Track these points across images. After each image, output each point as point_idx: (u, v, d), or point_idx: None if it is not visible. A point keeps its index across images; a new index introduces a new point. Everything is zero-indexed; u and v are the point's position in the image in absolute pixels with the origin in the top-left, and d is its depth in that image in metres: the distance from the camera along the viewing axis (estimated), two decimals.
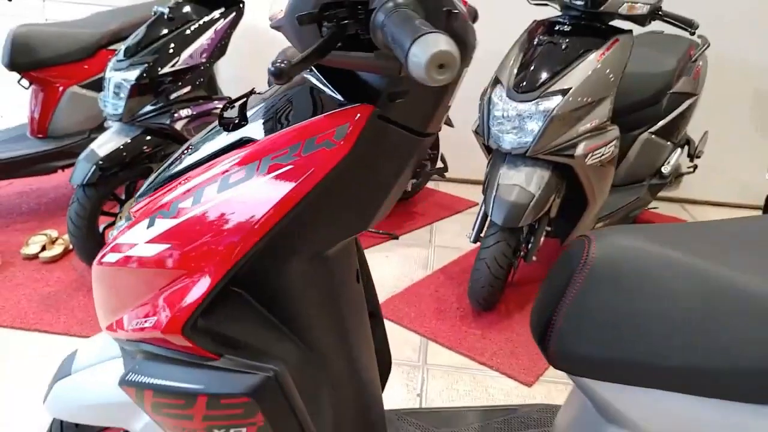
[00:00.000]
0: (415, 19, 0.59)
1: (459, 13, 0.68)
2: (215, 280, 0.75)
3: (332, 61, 0.70)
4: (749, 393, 0.76)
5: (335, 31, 0.65)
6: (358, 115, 0.73)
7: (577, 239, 0.89)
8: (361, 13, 0.65)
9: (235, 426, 0.78)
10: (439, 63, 0.56)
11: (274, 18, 0.72)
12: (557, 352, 0.86)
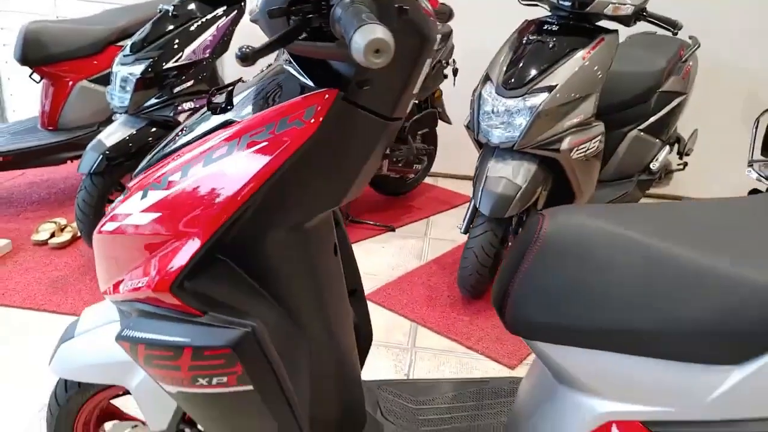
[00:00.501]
0: (363, 12, 0.68)
1: (410, 9, 0.77)
2: (200, 244, 0.84)
3: (300, 50, 0.80)
4: (682, 352, 0.84)
5: (298, 24, 0.74)
6: (326, 96, 0.82)
7: (534, 217, 0.98)
8: (324, 9, 0.75)
9: (217, 375, 0.87)
10: (375, 48, 0.66)
11: (253, 12, 0.81)
12: (512, 318, 0.95)
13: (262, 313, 0.92)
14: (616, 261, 0.88)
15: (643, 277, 0.86)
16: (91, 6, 3.47)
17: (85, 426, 1.24)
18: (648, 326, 0.85)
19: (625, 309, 0.86)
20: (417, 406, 1.29)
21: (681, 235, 0.90)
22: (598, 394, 0.91)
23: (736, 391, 0.81)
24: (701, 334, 0.82)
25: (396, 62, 0.85)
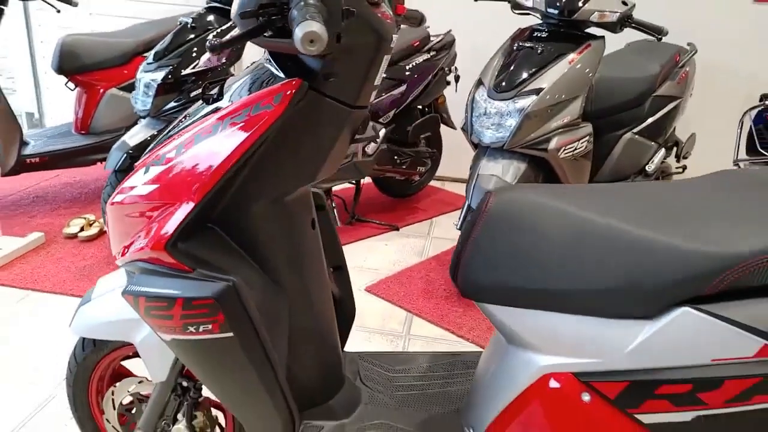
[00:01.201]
0: (308, 12, 0.84)
1: (356, 11, 0.93)
2: (193, 207, 1.01)
3: (265, 45, 0.96)
4: (605, 309, 0.97)
5: (263, 23, 0.91)
6: (292, 84, 0.99)
7: (485, 195, 1.12)
8: (286, 11, 0.91)
9: (203, 323, 1.03)
10: (310, 39, 0.82)
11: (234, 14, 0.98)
12: (462, 282, 1.09)
13: (245, 273, 1.08)
14: (551, 230, 1.02)
15: (573, 244, 1.00)
16: (123, 21, 3.72)
17: (99, 382, 1.41)
18: (576, 286, 0.98)
19: (557, 272, 1.00)
20: (393, 374, 1.43)
21: (616, 210, 1.03)
22: (537, 350, 1.04)
23: (649, 343, 0.94)
24: (621, 292, 0.95)
25: (356, 57, 1.02)
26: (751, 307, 0.88)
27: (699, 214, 0.97)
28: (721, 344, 0.88)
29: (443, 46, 3.23)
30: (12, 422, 1.71)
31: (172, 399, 1.31)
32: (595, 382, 0.96)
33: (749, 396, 0.88)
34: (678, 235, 0.93)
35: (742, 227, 0.91)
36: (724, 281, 0.88)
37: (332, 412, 1.28)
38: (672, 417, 0.92)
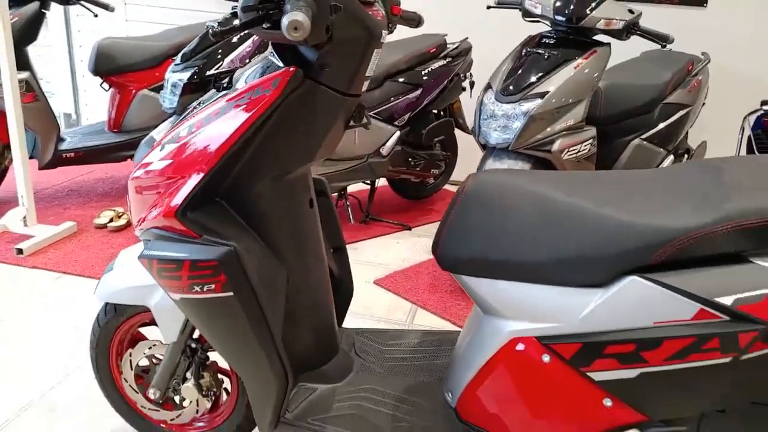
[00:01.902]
0: (297, 5, 0.97)
1: (343, 7, 1.05)
2: (199, 181, 1.14)
3: (263, 35, 1.09)
4: (563, 279, 1.07)
5: (260, 16, 1.04)
6: (288, 72, 1.11)
7: (465, 179, 1.23)
8: (282, 5, 1.04)
9: (207, 283, 1.16)
10: (294, 26, 0.94)
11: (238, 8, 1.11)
12: (441, 256, 1.20)
13: (246, 242, 1.21)
14: (519, 209, 1.12)
15: (538, 221, 1.10)
16: (156, 27, 3.93)
17: (119, 345, 1.55)
18: (539, 259, 1.08)
19: (523, 246, 1.10)
20: (385, 348, 1.54)
21: (579, 192, 1.13)
22: (505, 317, 1.14)
23: (600, 308, 1.03)
24: (578, 263, 1.05)
25: (348, 50, 1.14)
26: (690, 276, 0.97)
27: (649, 196, 1.07)
28: (662, 308, 0.97)
29: (459, 53, 3.34)
30: (45, 384, 1.87)
31: (182, 360, 1.44)
32: (553, 344, 1.06)
33: (686, 354, 0.96)
34: (627, 213, 1.02)
35: (683, 207, 1.01)
36: (665, 253, 0.97)
37: (325, 377, 1.39)
38: (619, 374, 1.01)
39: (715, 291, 0.95)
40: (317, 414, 1.31)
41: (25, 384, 1.88)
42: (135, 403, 1.57)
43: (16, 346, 2.07)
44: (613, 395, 1.03)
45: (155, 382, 1.45)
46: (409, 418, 1.28)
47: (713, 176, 1.06)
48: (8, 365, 1.97)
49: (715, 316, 0.95)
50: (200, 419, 1.58)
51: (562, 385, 1.06)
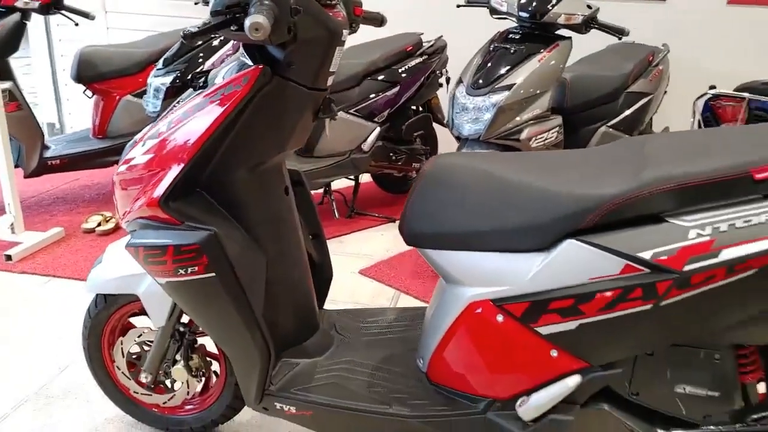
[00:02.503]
0: (258, 8, 1.07)
1: (303, 9, 1.15)
2: (179, 171, 1.24)
3: (231, 36, 1.19)
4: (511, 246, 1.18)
5: (228, 19, 1.14)
6: (257, 69, 1.22)
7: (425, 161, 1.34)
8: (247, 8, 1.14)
9: (190, 266, 1.26)
10: (255, 27, 1.05)
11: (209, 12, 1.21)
12: (406, 233, 1.31)
13: (226, 228, 1.31)
14: (471, 186, 1.24)
15: (489, 196, 1.22)
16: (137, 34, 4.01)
17: (110, 335, 1.64)
18: (489, 229, 1.20)
19: (476, 219, 1.21)
20: (363, 325, 1.64)
21: (526, 169, 1.24)
22: (464, 284, 1.25)
23: (544, 270, 1.15)
24: (523, 231, 1.17)
25: (311, 49, 1.25)
26: (617, 236, 1.09)
27: (582, 170, 1.19)
28: (595, 266, 1.09)
29: (435, 50, 3.45)
30: (39, 381, 1.95)
31: (171, 344, 1.53)
32: (506, 305, 1.17)
33: (615, 304, 1.09)
34: (563, 185, 1.15)
35: (610, 178, 1.13)
36: (596, 217, 1.09)
37: (307, 352, 1.49)
38: (561, 327, 1.13)
39: (637, 247, 1.07)
40: (299, 385, 1.41)
41: (20, 381, 1.96)
42: (128, 390, 1.66)
43: (8, 347, 2.15)
44: (558, 346, 1.15)
45: (146, 366, 1.55)
46: (384, 384, 1.39)
47: (637, 150, 1.18)
48: (2, 364, 2.05)
49: (638, 270, 1.07)
50: (191, 401, 1.67)
51: (515, 341, 1.17)
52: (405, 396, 1.35)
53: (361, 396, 1.37)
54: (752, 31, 3.56)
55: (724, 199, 1.08)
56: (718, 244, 1.05)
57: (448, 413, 1.29)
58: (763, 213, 1.05)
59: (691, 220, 1.08)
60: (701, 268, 1.05)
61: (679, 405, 1.19)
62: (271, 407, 1.42)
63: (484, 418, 1.26)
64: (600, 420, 1.22)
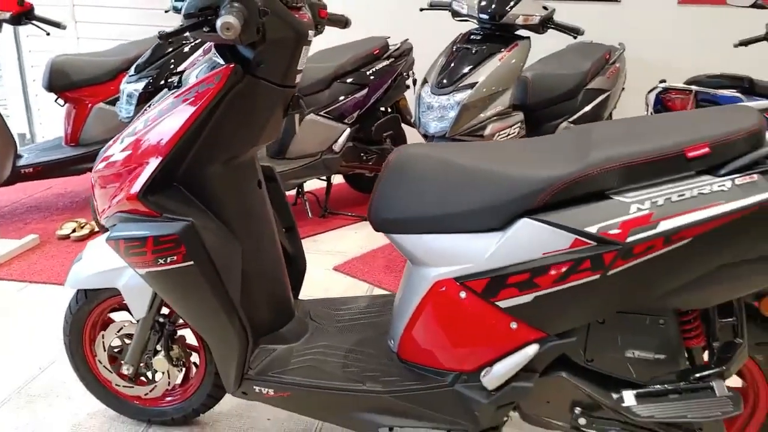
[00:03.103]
0: (229, 10, 1.15)
1: (270, 11, 1.24)
2: (157, 165, 1.31)
3: (204, 37, 1.27)
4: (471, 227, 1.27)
5: (200, 21, 1.22)
6: (228, 68, 1.29)
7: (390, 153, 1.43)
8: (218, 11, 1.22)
9: (170, 255, 1.32)
10: (226, 27, 1.13)
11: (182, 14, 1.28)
12: (374, 220, 1.39)
13: (202, 219, 1.38)
14: (431, 173, 1.33)
15: (449, 182, 1.31)
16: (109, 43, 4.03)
17: (91, 330, 1.69)
18: (450, 212, 1.29)
19: (438, 203, 1.30)
20: (337, 312, 1.72)
21: (482, 156, 1.34)
22: (429, 264, 1.34)
23: (501, 247, 1.24)
24: (480, 212, 1.26)
25: (280, 48, 1.33)
26: (566, 213, 1.19)
27: (534, 155, 1.29)
28: (547, 241, 1.19)
29: (401, 53, 3.55)
30: (20, 381, 1.98)
31: (151, 335, 1.59)
32: (468, 282, 1.26)
33: (567, 276, 1.18)
34: (517, 169, 1.24)
35: (559, 161, 1.23)
36: (546, 197, 1.19)
37: (283, 338, 1.56)
38: (519, 300, 1.22)
39: (585, 223, 1.17)
40: (277, 369, 1.48)
41: (2, 382, 1.99)
42: (110, 383, 1.71)
43: None
44: (517, 318, 1.24)
45: (128, 358, 1.60)
46: (357, 364, 1.47)
47: (584, 136, 1.28)
48: None
49: (586, 243, 1.17)
50: (172, 392, 1.73)
51: (477, 315, 1.26)
52: (377, 374, 1.43)
53: (336, 376, 1.44)
54: (701, 28, 3.74)
55: (661, 176, 1.19)
56: (656, 216, 1.15)
57: (418, 388, 1.37)
58: (695, 187, 1.16)
59: (632, 196, 1.18)
60: (642, 239, 1.15)
61: (629, 369, 1.29)
62: (250, 391, 1.48)
63: (452, 391, 1.35)
64: (558, 387, 1.32)
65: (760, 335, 1.35)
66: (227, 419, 1.80)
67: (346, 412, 1.42)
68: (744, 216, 1.13)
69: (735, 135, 1.18)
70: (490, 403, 1.30)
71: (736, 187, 1.15)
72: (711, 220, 1.14)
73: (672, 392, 1.24)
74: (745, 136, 1.18)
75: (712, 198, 1.15)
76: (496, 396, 1.30)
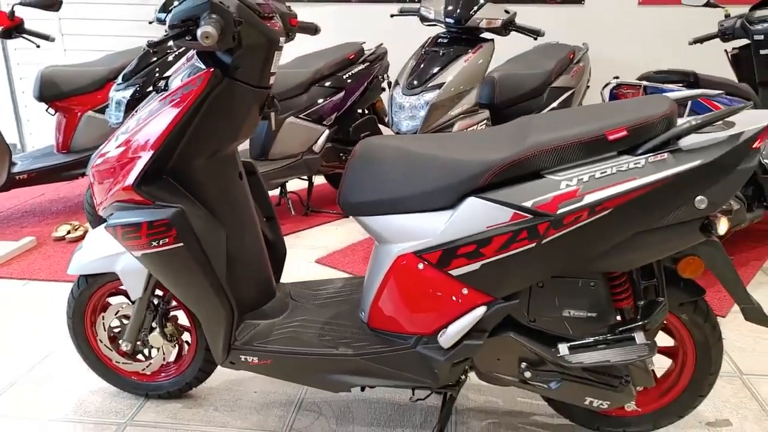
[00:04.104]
0: (207, 21, 1.33)
1: (244, 21, 1.42)
2: (149, 158, 1.48)
3: (187, 45, 1.45)
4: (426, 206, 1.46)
5: (183, 31, 1.40)
6: (208, 72, 1.47)
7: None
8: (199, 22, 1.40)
9: (162, 238, 1.50)
10: (205, 36, 1.31)
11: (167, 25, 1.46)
12: (343, 205, 1.57)
13: (190, 207, 1.55)
14: (391, 161, 1.51)
15: (405, 167, 1.49)
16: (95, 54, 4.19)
17: (92, 313, 1.86)
18: (408, 194, 1.47)
19: (398, 187, 1.49)
20: (315, 292, 1.90)
21: (435, 145, 1.52)
22: (392, 242, 1.52)
23: (452, 223, 1.42)
24: (433, 193, 1.44)
25: (254, 54, 1.51)
26: (507, 191, 1.37)
27: (480, 143, 1.48)
28: (491, 216, 1.37)
29: (376, 57, 3.75)
30: (29, 363, 2.14)
31: (147, 314, 1.76)
32: (424, 254, 1.44)
33: (508, 245, 1.37)
34: (464, 154, 1.43)
35: (500, 146, 1.42)
36: (489, 177, 1.38)
37: (265, 314, 1.74)
38: (468, 268, 1.40)
39: (522, 198, 1.36)
40: (260, 340, 1.65)
41: (10, 366, 2.14)
42: (110, 361, 1.88)
43: None
44: (467, 284, 1.43)
45: (126, 335, 1.77)
46: (332, 334, 1.65)
47: (523, 125, 1.47)
48: None
49: (523, 216, 1.36)
50: (167, 368, 1.90)
51: (434, 284, 1.45)
52: (349, 341, 1.61)
53: (312, 343, 1.62)
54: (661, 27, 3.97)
55: (587, 157, 1.38)
56: (581, 191, 1.35)
57: (385, 350, 1.55)
58: (615, 165, 1.36)
59: (562, 174, 1.37)
60: (570, 211, 1.34)
61: (566, 326, 1.49)
62: (236, 360, 1.66)
63: (414, 352, 1.53)
64: (507, 345, 1.50)
65: (682, 296, 1.55)
66: (217, 393, 1.97)
67: (322, 374, 1.60)
68: (655, 189, 1.33)
69: (649, 119, 1.37)
70: (446, 360, 1.49)
71: (650, 164, 1.34)
72: (627, 193, 1.33)
73: (600, 343, 1.44)
74: (658, 120, 1.38)
75: (628, 174, 1.34)
76: (451, 353, 1.48)
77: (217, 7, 1.38)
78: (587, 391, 1.50)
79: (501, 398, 1.96)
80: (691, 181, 1.33)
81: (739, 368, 2.14)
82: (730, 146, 1.33)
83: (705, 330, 1.59)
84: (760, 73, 3.01)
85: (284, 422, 1.84)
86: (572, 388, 1.50)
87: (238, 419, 1.86)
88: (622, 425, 1.71)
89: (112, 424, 1.84)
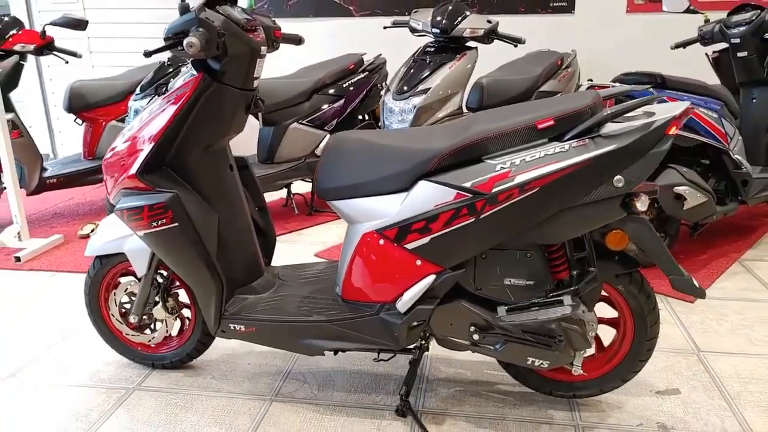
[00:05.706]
0: (193, 33, 1.59)
1: (227, 33, 1.67)
2: (150, 149, 1.75)
3: (179, 54, 1.71)
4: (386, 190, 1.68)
5: (175, 42, 1.66)
6: (199, 76, 1.73)
7: None
8: None
9: (160, 219, 1.75)
10: (189, 45, 1.56)
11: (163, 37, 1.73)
12: (319, 191, 1.81)
13: (185, 194, 1.81)
14: (357, 152, 1.74)
15: (369, 157, 1.72)
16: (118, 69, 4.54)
17: (106, 291, 2.12)
18: (370, 180, 1.70)
19: (361, 173, 1.72)
20: (300, 273, 2.13)
21: (396, 138, 1.75)
22: (359, 222, 1.75)
23: (406, 204, 1.64)
24: (390, 178, 1.67)
25: (239, 61, 1.77)
26: (451, 174, 1.58)
27: (432, 134, 1.70)
28: (438, 196, 1.59)
29: (375, 67, 4.00)
30: (50, 341, 2.41)
31: (152, 290, 2.02)
32: (384, 231, 1.67)
33: (452, 221, 1.58)
34: (417, 144, 1.65)
35: (448, 137, 1.63)
36: (437, 163, 1.60)
37: (254, 290, 1.98)
38: (420, 242, 1.62)
39: (463, 180, 1.57)
40: (247, 311, 1.89)
41: (32, 344, 2.42)
42: (120, 333, 2.14)
43: (24, 322, 2.61)
44: (420, 256, 1.64)
45: (134, 309, 2.03)
46: (309, 305, 1.88)
47: (470, 119, 1.69)
48: (19, 333, 2.52)
49: (464, 195, 1.57)
50: (170, 341, 2.15)
51: (392, 257, 1.67)
52: (323, 310, 1.84)
53: (291, 313, 1.86)
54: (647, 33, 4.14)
55: (521, 144, 1.59)
56: (513, 172, 1.56)
57: (352, 317, 1.78)
58: (543, 150, 1.56)
59: (498, 159, 1.59)
60: (502, 190, 1.55)
61: (508, 293, 1.69)
62: (227, 329, 1.90)
63: (378, 318, 1.75)
64: (458, 311, 1.71)
65: (617, 268, 1.74)
66: (215, 364, 2.22)
67: (298, 339, 1.83)
68: (577, 169, 1.53)
69: (574, 110, 1.58)
70: (403, 323, 1.70)
71: (573, 148, 1.55)
72: (553, 173, 1.54)
73: (533, 305, 1.64)
74: (583, 111, 1.58)
75: (553, 157, 1.55)
76: (407, 317, 1.70)
77: (203, 22, 1.64)
78: (528, 351, 1.70)
79: (469, 370, 2.16)
80: (609, 162, 1.53)
81: (697, 346, 2.30)
82: (643, 132, 1.53)
83: (640, 300, 1.77)
84: (738, 75, 3.17)
85: (272, 388, 2.08)
86: (515, 348, 1.70)
87: (232, 386, 2.10)
88: (572, 389, 1.90)
89: (122, 389, 2.09)
